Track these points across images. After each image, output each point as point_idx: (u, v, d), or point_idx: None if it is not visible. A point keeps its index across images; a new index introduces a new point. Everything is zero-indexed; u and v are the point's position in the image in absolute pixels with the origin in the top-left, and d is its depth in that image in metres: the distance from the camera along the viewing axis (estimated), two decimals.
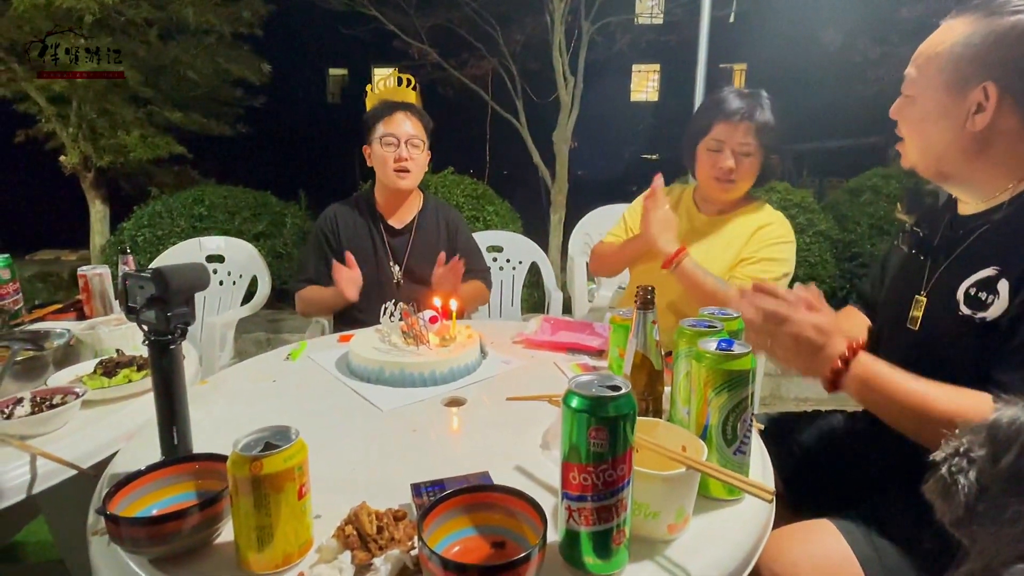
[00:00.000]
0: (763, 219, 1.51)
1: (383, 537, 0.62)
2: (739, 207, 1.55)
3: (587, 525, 0.58)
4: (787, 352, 0.85)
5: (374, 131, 1.73)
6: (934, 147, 0.91)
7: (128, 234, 3.76)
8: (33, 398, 0.95)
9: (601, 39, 5.46)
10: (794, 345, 0.84)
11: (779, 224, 1.50)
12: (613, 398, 0.56)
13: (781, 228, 1.50)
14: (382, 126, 1.71)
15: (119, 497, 0.65)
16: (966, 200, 0.96)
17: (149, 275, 0.69)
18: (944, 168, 0.92)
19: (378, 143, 1.71)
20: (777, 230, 1.49)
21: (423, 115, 1.78)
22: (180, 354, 0.74)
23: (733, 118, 1.42)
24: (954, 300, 0.87)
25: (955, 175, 0.92)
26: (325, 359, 1.25)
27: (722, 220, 1.54)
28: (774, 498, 0.66)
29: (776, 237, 1.48)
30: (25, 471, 0.84)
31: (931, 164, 0.93)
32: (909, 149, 0.96)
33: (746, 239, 1.49)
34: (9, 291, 1.46)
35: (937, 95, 0.88)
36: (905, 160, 0.98)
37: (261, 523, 0.58)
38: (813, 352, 0.84)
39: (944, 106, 0.87)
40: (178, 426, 0.75)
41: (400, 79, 2.19)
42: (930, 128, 0.90)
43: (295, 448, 0.60)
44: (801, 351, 0.84)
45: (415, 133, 1.73)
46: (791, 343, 0.84)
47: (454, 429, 0.99)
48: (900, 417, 0.81)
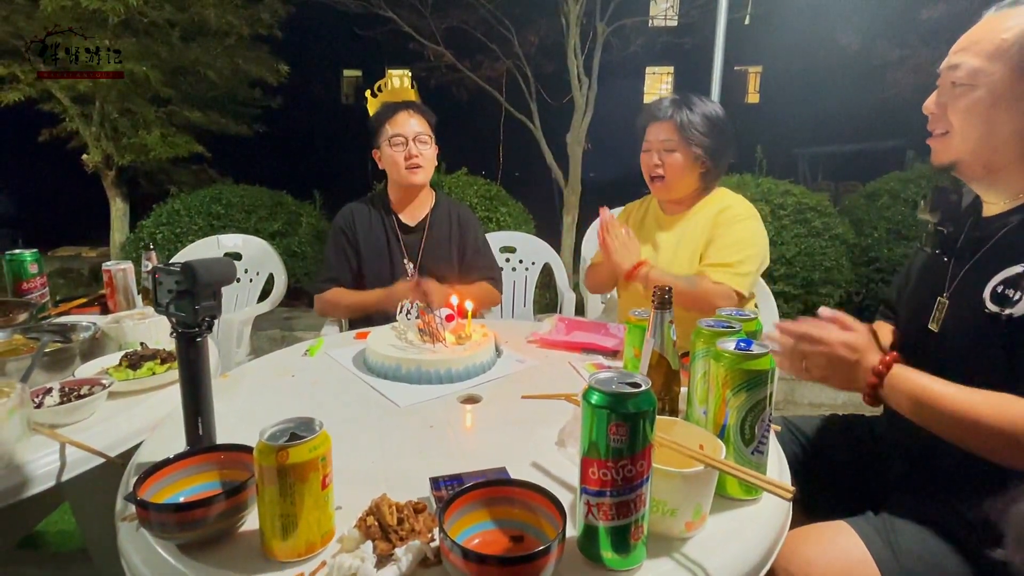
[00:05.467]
0: (722, 203, 1.56)
1: (404, 528, 0.63)
2: (698, 200, 1.60)
3: (606, 520, 0.58)
4: (823, 371, 0.91)
5: (381, 133, 1.76)
6: (996, 135, 0.88)
7: (147, 232, 3.83)
8: (62, 388, 0.98)
9: (616, 41, 5.45)
10: (827, 364, 0.89)
11: (738, 204, 1.55)
12: (633, 395, 0.57)
13: (740, 207, 1.54)
14: (389, 127, 1.74)
15: (148, 484, 0.67)
16: (993, 200, 0.94)
17: (178, 268, 0.71)
18: (996, 159, 0.90)
19: (387, 144, 1.74)
20: (736, 210, 1.53)
21: (426, 111, 1.81)
22: (207, 346, 0.76)
23: (656, 119, 1.54)
24: (979, 300, 0.87)
25: (1003, 167, 0.90)
26: (342, 355, 1.27)
27: (684, 216, 1.60)
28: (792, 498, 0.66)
29: (735, 216, 1.51)
30: (55, 459, 0.86)
31: (983, 156, 0.90)
32: (957, 141, 0.92)
33: (709, 227, 1.53)
34: (37, 285, 1.50)
35: (1007, 81, 0.85)
36: (945, 154, 0.94)
37: (286, 511, 0.59)
38: (848, 369, 0.88)
39: (1017, 92, 0.85)
40: (203, 417, 0.77)
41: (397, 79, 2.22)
42: (999, 115, 0.87)
43: (320, 439, 0.61)
44: (836, 369, 0.89)
45: (421, 130, 1.75)
46: (825, 362, 0.89)
47: (470, 426, 1.00)
48: (949, 429, 0.83)
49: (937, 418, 0.83)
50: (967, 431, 0.80)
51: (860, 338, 0.88)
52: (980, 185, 0.96)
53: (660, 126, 1.53)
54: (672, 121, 1.50)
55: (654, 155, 1.55)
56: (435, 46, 5.59)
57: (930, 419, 0.84)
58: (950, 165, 0.94)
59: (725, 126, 1.53)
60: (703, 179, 1.56)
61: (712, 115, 1.51)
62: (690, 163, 1.52)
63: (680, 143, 1.51)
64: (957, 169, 0.94)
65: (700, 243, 1.53)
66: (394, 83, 2.11)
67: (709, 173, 1.55)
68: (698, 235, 1.54)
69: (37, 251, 1.50)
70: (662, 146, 1.53)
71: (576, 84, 4.98)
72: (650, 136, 1.56)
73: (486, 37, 5.62)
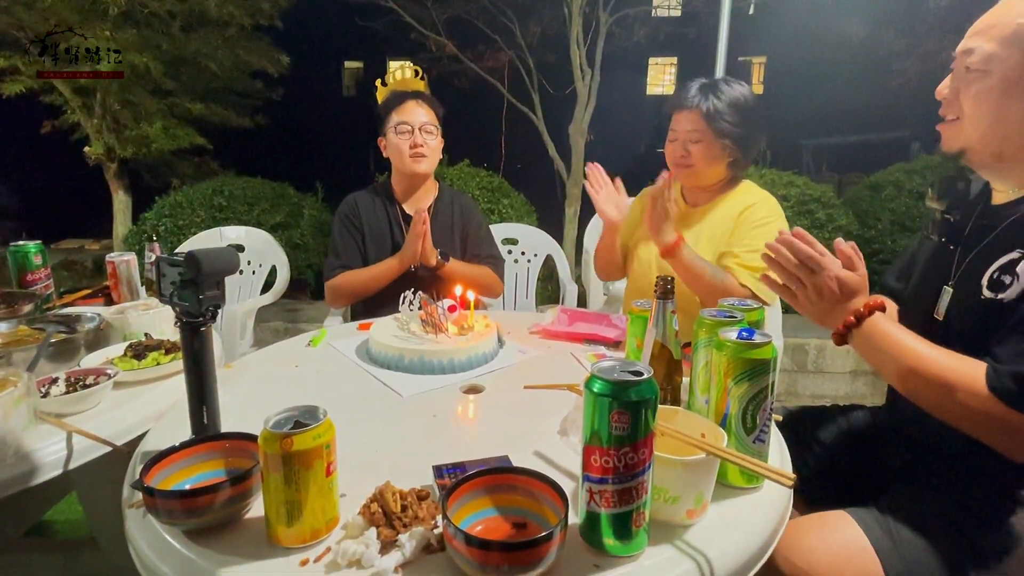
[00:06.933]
0: (746, 200, 1.50)
1: (407, 515, 0.63)
2: (723, 192, 1.55)
3: (608, 507, 0.59)
4: (808, 299, 0.90)
5: (388, 121, 1.76)
6: (1007, 123, 0.87)
7: (150, 224, 3.83)
8: (67, 378, 0.99)
9: (619, 31, 5.41)
10: (816, 295, 0.88)
11: (762, 203, 1.49)
12: (635, 383, 0.57)
13: (764, 208, 1.48)
14: (396, 115, 1.74)
15: (154, 471, 0.67)
16: (1002, 189, 0.94)
17: (182, 258, 0.72)
18: (1007, 147, 0.88)
19: (393, 132, 1.74)
20: (760, 211, 1.47)
21: (434, 102, 1.81)
22: (211, 336, 0.77)
23: (683, 108, 1.47)
24: (979, 286, 0.87)
25: (1013, 155, 0.89)
26: (345, 346, 1.27)
27: (707, 208, 1.55)
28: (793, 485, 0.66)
29: (758, 219, 1.46)
30: (62, 447, 0.87)
31: (993, 143, 0.89)
32: (968, 127, 0.90)
33: (731, 224, 1.49)
34: (41, 276, 1.50)
35: (1021, 68, 0.84)
36: (955, 140, 0.93)
37: (291, 498, 0.60)
38: (833, 304, 0.88)
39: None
40: (208, 405, 0.78)
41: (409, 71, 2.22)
42: (1011, 103, 0.85)
43: (324, 427, 0.62)
44: (823, 301, 0.88)
45: (428, 120, 1.75)
46: (814, 292, 0.88)
47: (473, 415, 1.01)
48: (893, 373, 0.86)
49: (885, 360, 0.85)
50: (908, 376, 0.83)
51: (855, 278, 0.87)
52: (989, 173, 0.95)
53: (687, 116, 1.46)
54: (699, 111, 1.44)
55: (680, 145, 1.49)
56: (437, 36, 5.55)
57: (878, 360, 0.87)
58: (959, 152, 0.92)
59: (755, 111, 1.47)
60: (731, 168, 1.51)
61: (741, 101, 1.45)
62: (718, 153, 1.47)
63: (707, 133, 1.45)
64: (966, 156, 0.92)
65: (721, 241, 1.49)
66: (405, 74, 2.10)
67: (737, 162, 1.50)
68: (720, 233, 1.50)
69: (41, 243, 1.51)
70: (689, 137, 1.47)
71: (579, 75, 4.94)
72: (676, 125, 1.50)
73: (488, 27, 5.58)
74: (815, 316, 0.91)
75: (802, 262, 0.88)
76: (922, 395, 0.84)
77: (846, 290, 0.87)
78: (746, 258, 1.42)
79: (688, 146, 1.48)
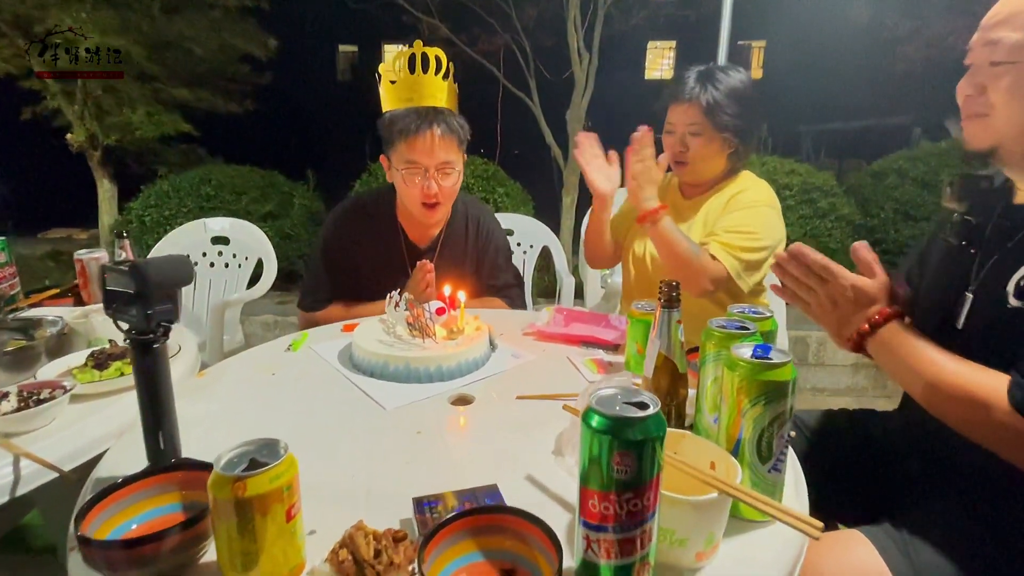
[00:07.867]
0: (737, 187, 1.45)
1: (381, 562, 0.56)
2: (720, 184, 1.49)
3: (607, 558, 0.52)
4: (821, 308, 0.88)
5: (393, 148, 1.37)
6: None
7: (135, 214, 3.73)
8: (20, 392, 0.91)
9: (617, 14, 5.26)
10: (831, 303, 0.86)
11: (753, 189, 1.44)
12: (640, 419, 0.49)
13: (754, 192, 1.43)
14: (405, 148, 1.34)
15: (97, 510, 0.60)
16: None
17: (126, 269, 0.63)
18: None
19: (399, 170, 1.37)
20: (749, 195, 1.42)
21: (458, 127, 1.37)
22: (165, 354, 0.68)
23: (680, 100, 1.41)
24: (1004, 294, 0.80)
25: None
26: (327, 351, 1.20)
27: (703, 200, 1.50)
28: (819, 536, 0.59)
29: (747, 202, 1.40)
30: (8, 472, 0.80)
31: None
32: (1000, 123, 0.83)
33: (720, 210, 1.43)
34: (5, 275, 1.41)
35: None
36: (984, 138, 0.85)
37: (246, 549, 0.53)
38: (849, 312, 0.86)
39: None
40: (164, 430, 0.70)
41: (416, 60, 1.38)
42: None
43: (283, 466, 0.54)
44: (838, 310, 0.86)
45: (448, 158, 1.35)
46: (828, 301, 0.86)
47: (461, 431, 0.93)
48: (911, 384, 0.83)
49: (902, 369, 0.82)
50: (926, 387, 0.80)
51: (873, 285, 0.84)
52: (1016, 171, 0.88)
53: (685, 108, 1.40)
54: (699, 104, 1.38)
55: (678, 139, 1.43)
56: (430, 19, 5.39)
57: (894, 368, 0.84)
58: (989, 150, 0.85)
59: (753, 98, 1.41)
60: (731, 159, 1.46)
61: (740, 89, 1.39)
62: (718, 147, 1.42)
63: (707, 126, 1.39)
64: (997, 154, 0.85)
65: (710, 227, 1.44)
66: (420, 71, 1.36)
67: (737, 153, 1.45)
68: (710, 219, 1.45)
69: (4, 239, 1.41)
70: (687, 130, 1.41)
71: (576, 59, 4.81)
72: (673, 118, 1.44)
73: (483, 10, 5.41)
74: (831, 326, 0.88)
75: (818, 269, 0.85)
76: (942, 408, 0.80)
77: (863, 298, 0.84)
78: (724, 236, 1.36)
79: (687, 140, 1.42)
